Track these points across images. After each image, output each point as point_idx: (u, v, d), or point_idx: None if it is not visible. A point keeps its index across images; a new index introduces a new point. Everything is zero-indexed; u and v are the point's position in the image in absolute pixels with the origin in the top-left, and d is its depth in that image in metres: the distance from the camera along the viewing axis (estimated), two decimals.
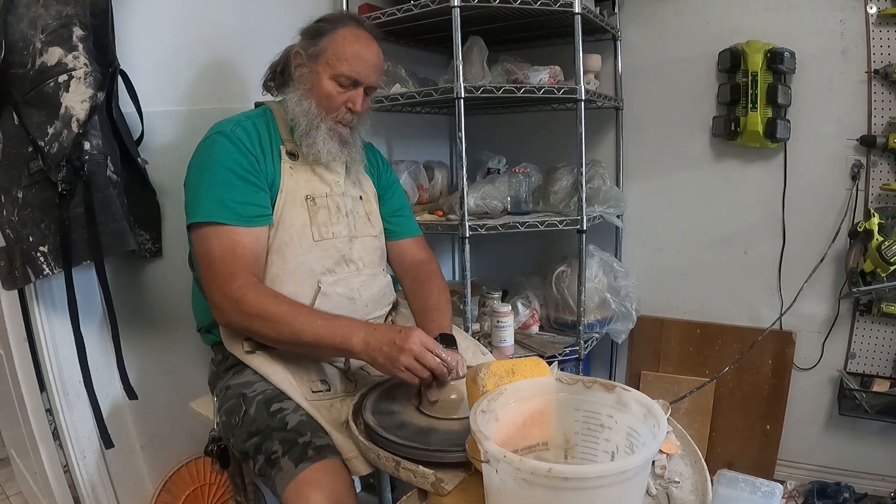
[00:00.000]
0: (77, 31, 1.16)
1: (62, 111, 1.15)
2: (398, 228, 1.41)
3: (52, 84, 1.14)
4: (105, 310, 1.37)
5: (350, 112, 1.23)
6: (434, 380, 1.03)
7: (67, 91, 1.15)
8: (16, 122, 1.18)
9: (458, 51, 1.61)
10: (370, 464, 1.00)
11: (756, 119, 1.91)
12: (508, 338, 1.82)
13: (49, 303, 1.31)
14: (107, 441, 1.32)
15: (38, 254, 1.18)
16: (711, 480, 0.90)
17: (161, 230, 1.48)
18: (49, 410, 1.37)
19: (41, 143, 1.15)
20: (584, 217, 1.80)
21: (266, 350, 1.16)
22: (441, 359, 1.01)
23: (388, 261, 1.41)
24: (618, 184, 2.28)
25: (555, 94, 1.76)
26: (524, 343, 1.95)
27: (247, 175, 1.13)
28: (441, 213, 1.95)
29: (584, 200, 1.80)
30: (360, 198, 1.32)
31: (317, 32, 1.22)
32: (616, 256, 2.28)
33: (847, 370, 1.98)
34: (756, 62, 1.87)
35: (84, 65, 1.16)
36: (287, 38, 1.30)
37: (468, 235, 1.70)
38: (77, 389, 1.34)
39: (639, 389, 0.82)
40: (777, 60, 1.86)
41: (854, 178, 1.89)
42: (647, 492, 0.86)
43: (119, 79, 1.30)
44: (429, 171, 2.17)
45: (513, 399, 0.86)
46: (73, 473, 1.40)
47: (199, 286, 1.27)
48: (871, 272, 1.77)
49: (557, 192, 1.97)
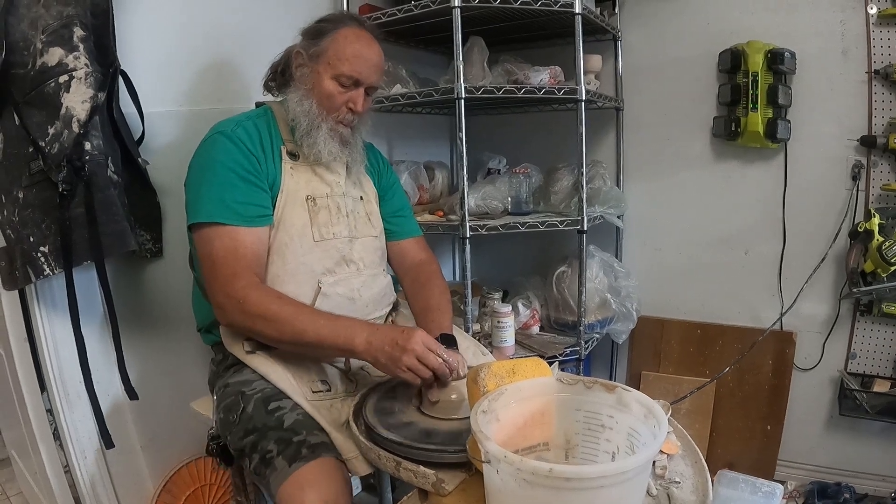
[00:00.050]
0: (78, 32, 1.16)
1: (63, 111, 1.15)
2: (399, 229, 1.41)
3: (53, 84, 1.14)
4: (106, 310, 1.37)
5: (351, 112, 1.23)
6: (435, 380, 1.03)
7: (68, 91, 1.15)
8: (16, 123, 1.18)
9: (459, 51, 1.61)
10: (371, 464, 1.00)
11: (756, 119, 1.91)
12: (509, 338, 1.82)
13: (49, 303, 1.31)
14: (107, 441, 1.32)
15: (39, 254, 1.18)
16: (712, 481, 0.90)
17: (162, 230, 1.48)
18: (49, 410, 1.37)
19: (42, 144, 1.15)
20: (585, 217, 1.80)
21: (266, 350, 1.16)
22: (443, 359, 1.01)
23: (389, 261, 1.42)
24: (618, 184, 2.28)
25: (555, 95, 1.76)
26: (525, 343, 1.95)
27: (248, 175, 1.13)
28: (441, 214, 1.95)
29: (585, 201, 1.80)
30: (361, 198, 1.32)
31: (318, 32, 1.22)
32: (616, 257, 2.28)
33: (847, 370, 1.98)
34: (756, 62, 1.87)
35: (85, 65, 1.16)
36: (288, 39, 1.30)
37: (469, 236, 1.70)
38: (77, 389, 1.34)
39: (639, 390, 0.82)
40: (777, 61, 1.86)
41: (854, 179, 1.89)
42: (648, 492, 0.86)
43: (120, 79, 1.30)
44: (429, 172, 2.17)
45: (513, 399, 0.86)
46: (74, 474, 1.40)
47: (200, 286, 1.27)
48: (872, 272, 1.77)
49: (558, 193, 1.97)
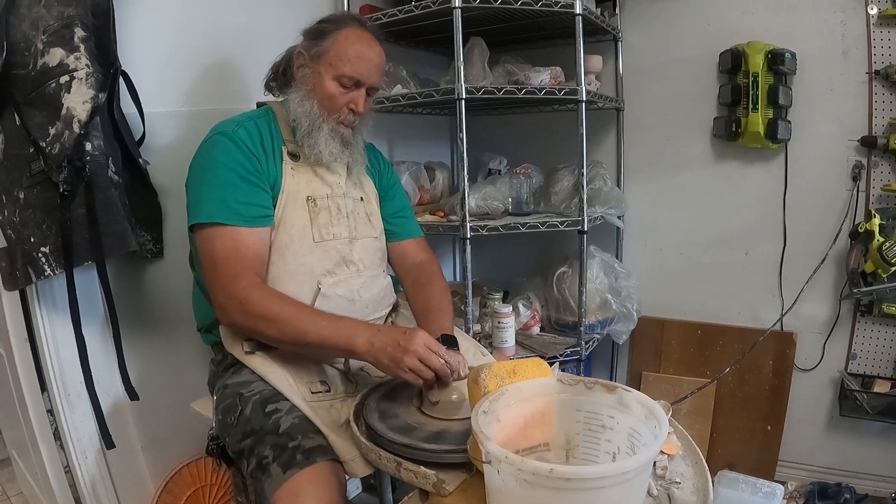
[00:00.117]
0: (78, 32, 1.16)
1: (63, 112, 1.15)
2: (399, 229, 1.41)
3: (54, 85, 1.14)
4: (106, 310, 1.37)
5: (352, 113, 1.23)
6: (436, 380, 1.03)
7: (69, 92, 1.15)
8: (17, 123, 1.18)
9: (460, 52, 1.61)
10: (371, 464, 1.00)
11: (757, 120, 1.91)
12: (509, 339, 1.82)
13: (50, 303, 1.31)
14: (108, 441, 1.32)
15: (40, 254, 1.18)
16: (712, 481, 0.90)
17: (162, 231, 1.48)
18: (50, 411, 1.37)
19: (42, 144, 1.15)
20: (585, 218, 1.80)
21: (265, 351, 1.15)
22: (444, 360, 1.01)
23: (389, 262, 1.42)
24: (619, 184, 2.28)
25: (556, 95, 1.76)
26: (525, 344, 1.95)
27: (249, 176, 1.13)
28: (442, 214, 1.95)
29: (585, 201, 1.80)
30: (361, 199, 1.32)
31: (319, 33, 1.22)
32: (617, 257, 2.28)
33: (848, 371, 1.98)
34: (757, 63, 1.87)
35: (85, 65, 1.16)
36: (288, 39, 1.30)
37: (469, 236, 1.70)
38: (78, 390, 1.34)
39: (640, 390, 0.82)
40: (778, 61, 1.86)
41: (855, 179, 1.89)
42: (649, 492, 0.86)
43: (120, 79, 1.30)
44: (430, 172, 2.18)
45: (514, 400, 0.86)
46: (74, 474, 1.40)
47: (200, 286, 1.27)
48: (872, 273, 1.77)
49: (558, 193, 1.97)
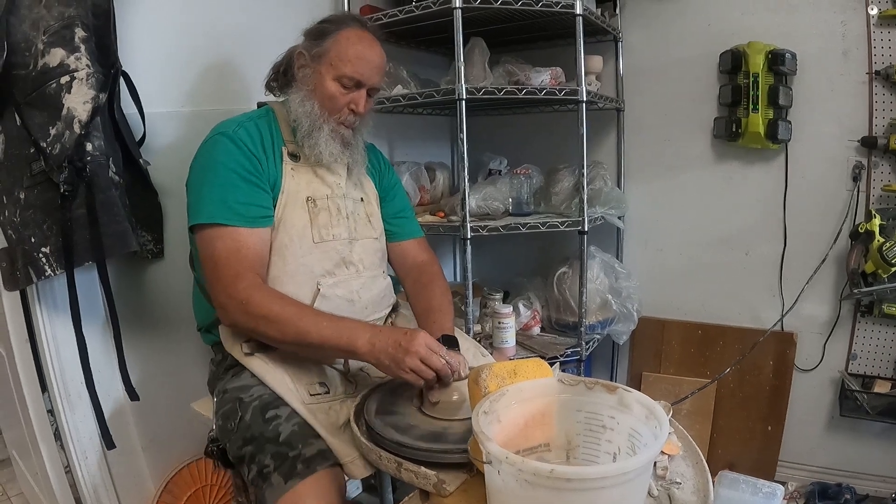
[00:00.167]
0: (79, 33, 1.16)
1: (64, 112, 1.15)
2: (400, 230, 1.41)
3: (54, 85, 1.14)
4: (107, 311, 1.37)
5: (353, 113, 1.23)
6: (437, 381, 1.03)
7: (69, 92, 1.15)
8: (18, 123, 1.18)
9: (460, 52, 1.61)
10: (371, 465, 1.00)
11: (757, 120, 1.91)
12: (510, 339, 1.82)
13: (51, 304, 1.31)
14: (108, 442, 1.32)
15: (40, 255, 1.18)
16: (713, 481, 0.90)
17: (163, 231, 1.48)
18: (51, 411, 1.37)
19: (43, 145, 1.15)
20: (586, 218, 1.80)
21: (265, 352, 1.15)
22: (445, 360, 1.01)
23: (390, 262, 1.41)
24: (619, 185, 2.28)
25: (556, 96, 1.76)
26: (525, 344, 1.95)
27: (249, 176, 1.13)
28: (442, 215, 1.95)
29: (586, 201, 1.80)
30: (361, 199, 1.32)
31: (320, 33, 1.22)
32: (617, 257, 2.28)
33: (848, 371, 1.98)
34: (757, 63, 1.87)
35: (86, 66, 1.16)
36: (289, 39, 1.30)
37: (469, 237, 1.70)
38: (79, 390, 1.34)
39: (640, 390, 0.82)
40: (778, 62, 1.86)
41: (855, 180, 1.88)
42: (649, 493, 0.86)
43: (121, 80, 1.30)
44: (430, 173, 2.18)
45: (515, 400, 0.86)
46: (75, 474, 1.40)
47: (200, 286, 1.27)
48: (873, 273, 1.77)
49: (559, 194, 1.97)
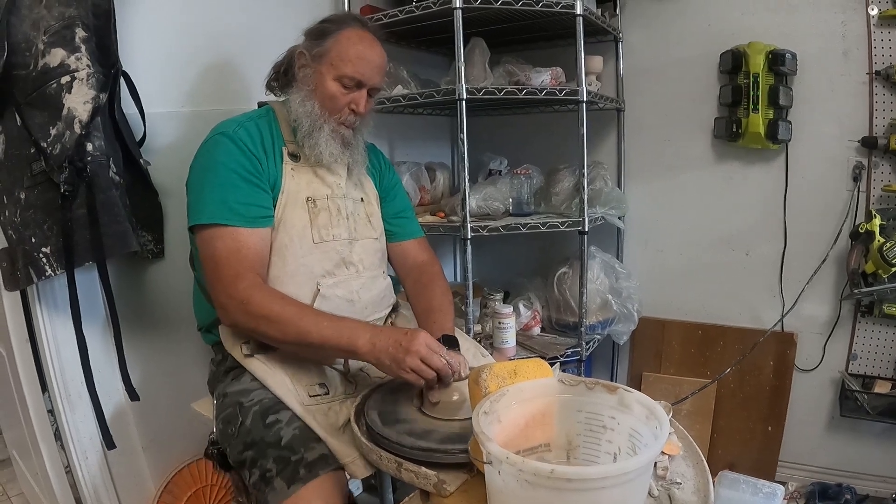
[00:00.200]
0: (79, 33, 1.16)
1: (64, 112, 1.15)
2: (400, 230, 1.41)
3: (55, 85, 1.14)
4: (107, 311, 1.37)
5: (353, 113, 1.23)
6: (438, 381, 1.03)
7: (70, 92, 1.15)
8: (18, 124, 1.18)
9: (460, 52, 1.61)
10: (371, 465, 1.00)
11: (757, 120, 1.91)
12: (510, 339, 1.82)
13: (51, 304, 1.31)
14: (108, 442, 1.32)
15: (41, 255, 1.18)
16: (713, 482, 0.90)
17: (163, 231, 1.48)
18: (51, 411, 1.37)
19: (43, 145, 1.15)
20: (586, 218, 1.80)
21: (265, 353, 1.15)
22: (445, 360, 1.01)
23: (390, 262, 1.41)
24: (619, 185, 2.28)
25: (556, 96, 1.76)
26: (526, 344, 1.95)
27: (249, 176, 1.13)
28: (443, 215, 1.95)
29: (586, 202, 1.80)
30: (361, 200, 1.32)
31: (321, 33, 1.21)
32: (618, 258, 2.28)
33: (848, 371, 1.98)
34: (757, 64, 1.87)
35: (86, 66, 1.16)
36: (289, 39, 1.30)
37: (470, 237, 1.70)
38: (79, 390, 1.34)
39: (640, 391, 0.82)
40: (778, 62, 1.86)
41: (855, 180, 1.89)
42: (650, 493, 0.86)
43: (121, 80, 1.30)
44: (430, 173, 2.18)
45: (515, 400, 0.86)
46: (75, 474, 1.40)
47: (200, 286, 1.27)
48: (873, 273, 1.77)
49: (559, 194, 1.97)
